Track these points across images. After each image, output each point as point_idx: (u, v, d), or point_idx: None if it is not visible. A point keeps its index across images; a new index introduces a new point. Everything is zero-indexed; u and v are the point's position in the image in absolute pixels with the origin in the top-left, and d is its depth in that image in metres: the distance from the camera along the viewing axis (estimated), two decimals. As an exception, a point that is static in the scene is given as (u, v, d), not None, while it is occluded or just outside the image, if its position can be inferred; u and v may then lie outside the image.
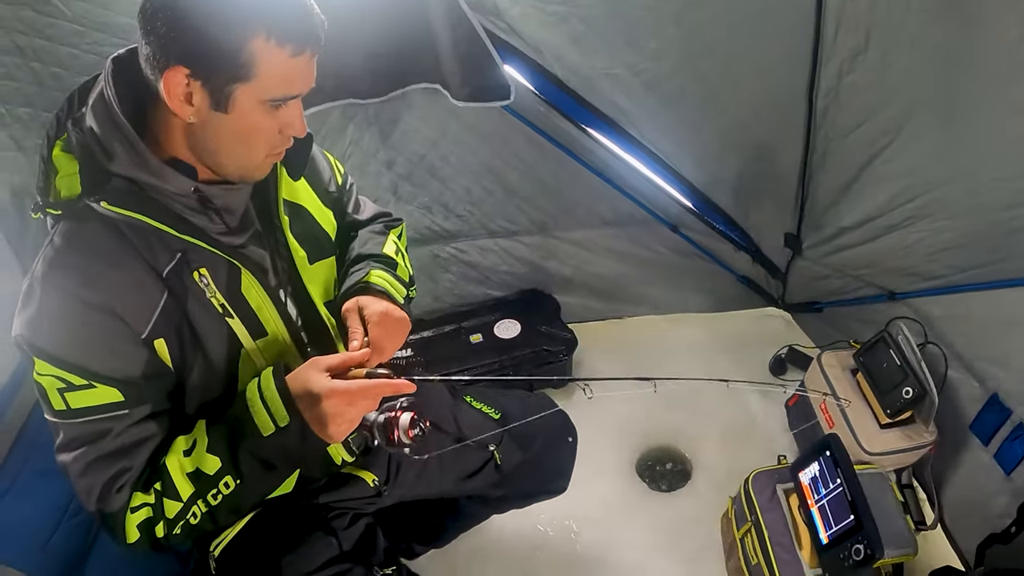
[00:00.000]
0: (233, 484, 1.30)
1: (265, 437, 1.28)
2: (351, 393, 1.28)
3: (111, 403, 1.26)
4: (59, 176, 1.27)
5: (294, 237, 1.51)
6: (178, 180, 1.26)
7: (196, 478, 1.30)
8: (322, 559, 1.59)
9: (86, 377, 1.23)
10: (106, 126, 1.21)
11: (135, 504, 1.30)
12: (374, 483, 1.74)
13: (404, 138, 2.65)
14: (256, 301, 1.42)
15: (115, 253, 1.25)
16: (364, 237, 1.80)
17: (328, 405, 1.25)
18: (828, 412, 2.59)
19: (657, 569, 2.50)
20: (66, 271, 1.22)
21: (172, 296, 1.30)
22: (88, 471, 1.27)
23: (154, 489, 1.31)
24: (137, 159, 1.22)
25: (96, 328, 1.22)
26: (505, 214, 2.98)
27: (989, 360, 2.30)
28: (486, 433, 1.95)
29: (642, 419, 3.02)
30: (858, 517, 1.97)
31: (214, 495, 1.31)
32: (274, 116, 1.25)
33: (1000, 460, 2.24)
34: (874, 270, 2.75)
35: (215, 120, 1.22)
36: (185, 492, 1.30)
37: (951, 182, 2.24)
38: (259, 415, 1.29)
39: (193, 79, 1.15)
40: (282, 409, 1.27)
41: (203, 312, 1.34)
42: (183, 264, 1.31)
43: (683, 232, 3.12)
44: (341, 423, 1.28)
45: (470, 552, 2.53)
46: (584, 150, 2.75)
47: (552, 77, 2.47)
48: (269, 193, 1.49)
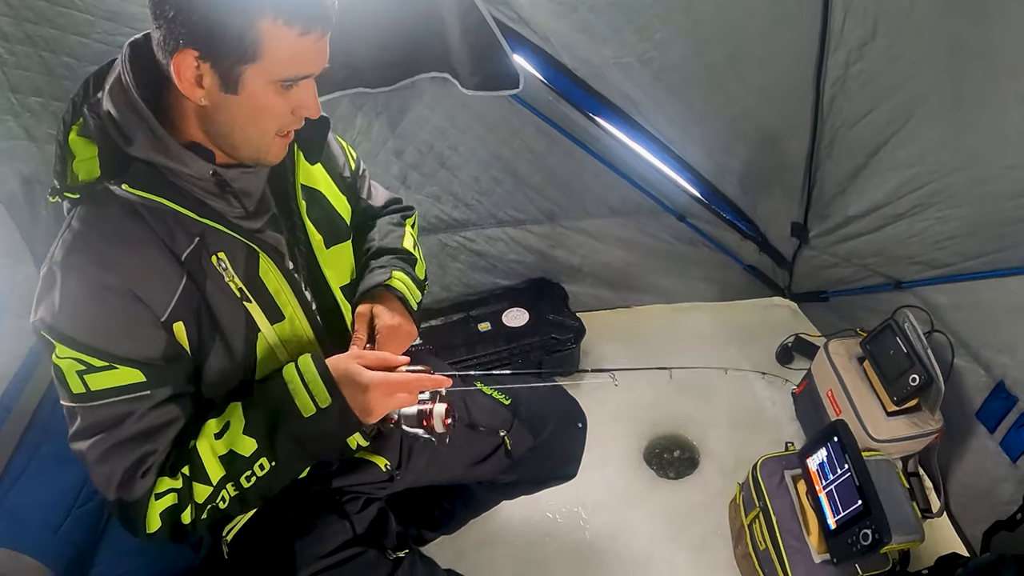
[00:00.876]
0: (268, 466, 1.32)
1: (306, 418, 1.31)
2: (395, 385, 1.35)
3: (132, 384, 1.25)
4: (76, 160, 1.27)
5: (311, 221, 1.53)
6: (197, 163, 1.26)
7: (230, 460, 1.31)
8: (336, 542, 1.59)
9: (106, 359, 1.22)
10: (124, 110, 1.21)
11: (160, 490, 1.29)
12: (386, 468, 1.74)
13: (413, 127, 2.66)
14: (274, 285, 1.42)
15: (134, 236, 1.25)
16: (384, 228, 1.81)
17: (373, 396, 1.32)
18: (835, 400, 2.59)
19: (665, 555, 2.51)
20: (85, 254, 1.21)
21: (191, 280, 1.30)
22: (108, 457, 1.26)
23: (182, 473, 1.31)
24: (156, 143, 1.22)
25: (116, 310, 1.22)
26: (514, 203, 2.99)
27: (995, 348, 2.31)
28: (497, 419, 1.97)
29: (650, 407, 3.03)
30: (866, 502, 1.99)
31: (248, 477, 1.32)
32: (286, 97, 1.25)
33: (1006, 447, 2.24)
34: (881, 259, 2.75)
35: (226, 102, 1.22)
36: (216, 475, 1.30)
37: (958, 171, 2.24)
38: (300, 396, 1.32)
39: (202, 61, 1.16)
40: (324, 391, 1.31)
41: (221, 296, 1.34)
42: (201, 248, 1.31)
43: (690, 221, 3.13)
44: (382, 411, 1.37)
45: (479, 538, 2.54)
46: (592, 139, 2.76)
47: (561, 66, 2.48)
48: (286, 177, 1.50)
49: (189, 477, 1.31)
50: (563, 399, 2.19)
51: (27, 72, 2.03)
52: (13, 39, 1.97)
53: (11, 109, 2.07)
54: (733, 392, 3.11)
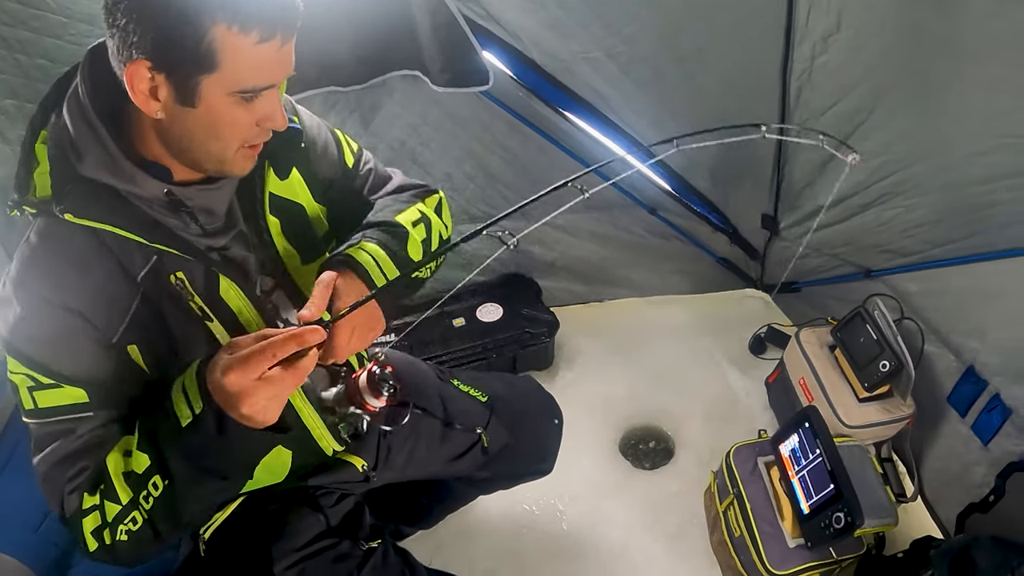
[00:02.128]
0: (161, 485, 1.16)
1: (184, 428, 1.12)
2: (245, 360, 1.07)
3: (76, 403, 1.23)
4: (38, 171, 1.20)
5: (286, 237, 1.47)
6: (149, 184, 1.22)
7: (127, 478, 1.20)
8: (309, 535, 1.59)
9: (52, 377, 1.21)
10: (79, 125, 1.17)
11: (85, 507, 1.24)
12: (363, 468, 1.72)
13: (385, 125, 2.66)
14: (236, 304, 1.37)
15: (86, 257, 1.22)
16: (380, 204, 1.67)
17: (228, 382, 1.07)
18: (807, 387, 2.62)
19: (642, 545, 2.53)
20: (36, 272, 1.20)
21: (145, 301, 1.27)
22: (50, 474, 1.24)
23: (100, 491, 1.24)
24: (108, 161, 1.18)
25: (63, 330, 1.21)
26: (486, 199, 3.00)
27: (965, 333, 2.34)
28: (474, 416, 1.98)
29: (625, 399, 3.05)
30: (838, 486, 2.01)
31: (145, 498, 1.18)
32: (248, 109, 1.18)
33: (977, 431, 2.28)
34: (850, 248, 2.79)
35: (183, 115, 1.15)
36: (124, 495, 1.20)
37: (925, 159, 2.27)
38: (178, 405, 1.14)
39: (156, 72, 1.09)
40: (197, 393, 1.12)
41: (181, 316, 1.30)
42: (159, 267, 1.27)
43: (662, 215, 3.14)
44: (254, 400, 1.08)
45: (457, 531, 2.54)
46: (563, 135, 2.77)
47: (530, 62, 2.50)
48: (255, 194, 1.43)
49: (103, 494, 1.24)
50: (540, 395, 2.19)
51: (1, 74, 2.03)
52: (-13, 42, 1.96)
53: (-15, 112, 2.07)
54: (707, 383, 3.13)
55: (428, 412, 1.91)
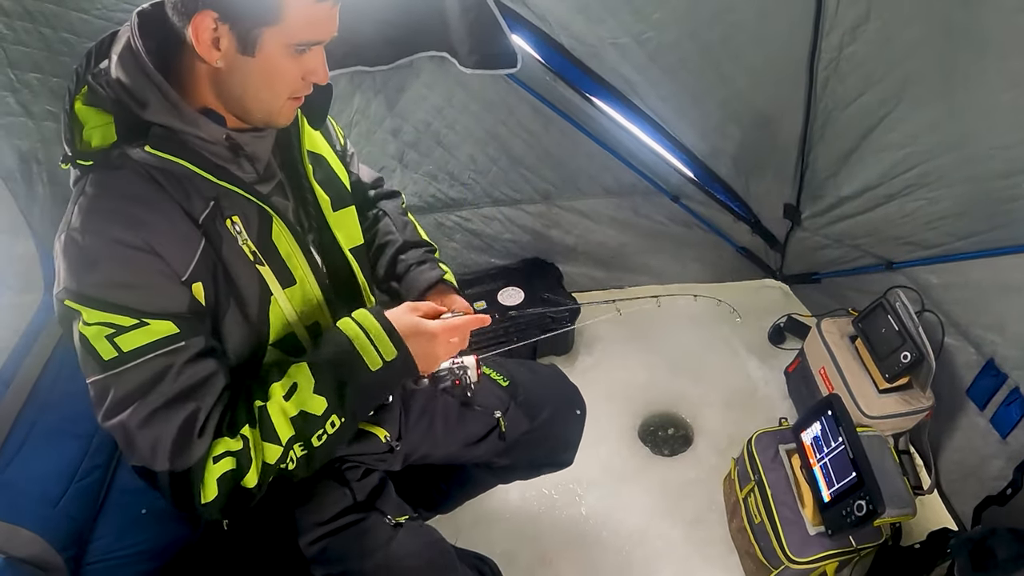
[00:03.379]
0: (339, 423, 1.35)
1: (373, 372, 1.36)
2: (456, 329, 1.46)
3: (166, 336, 1.23)
4: (87, 128, 1.26)
5: (318, 184, 1.55)
6: (210, 127, 1.28)
7: (302, 420, 1.31)
8: (335, 509, 1.60)
9: (135, 316, 1.21)
10: (136, 76, 1.22)
11: (217, 452, 1.25)
12: (386, 439, 1.75)
13: (410, 106, 2.67)
14: (285, 249, 1.43)
15: (152, 198, 1.25)
16: (399, 220, 1.91)
17: (440, 341, 1.43)
18: (827, 377, 2.62)
19: (660, 531, 2.55)
20: (104, 215, 1.21)
21: (209, 242, 1.30)
22: (152, 421, 1.21)
23: (242, 435, 1.28)
24: (170, 107, 1.23)
25: (141, 267, 1.21)
26: (509, 183, 3.01)
27: (985, 326, 2.34)
28: (493, 399, 1.98)
29: (644, 386, 3.07)
30: (860, 474, 2.02)
31: (319, 436, 1.33)
32: (298, 62, 1.27)
33: (996, 424, 2.28)
34: (872, 239, 2.78)
35: (241, 64, 1.24)
36: (285, 435, 1.30)
37: (949, 151, 2.26)
38: (367, 351, 1.36)
39: (221, 23, 1.17)
40: (389, 343, 1.37)
41: (236, 259, 1.34)
42: (216, 212, 1.32)
43: (683, 203, 3.15)
44: (441, 356, 1.47)
45: (476, 515, 2.56)
46: (588, 119, 2.78)
47: (558, 46, 2.49)
48: (292, 143, 1.53)
49: (253, 438, 1.29)
50: (563, 385, 2.18)
51: (26, 48, 2.03)
52: (13, 15, 1.96)
53: (9, 85, 2.07)
54: (726, 371, 3.15)
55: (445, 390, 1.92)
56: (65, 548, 1.86)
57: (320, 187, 1.56)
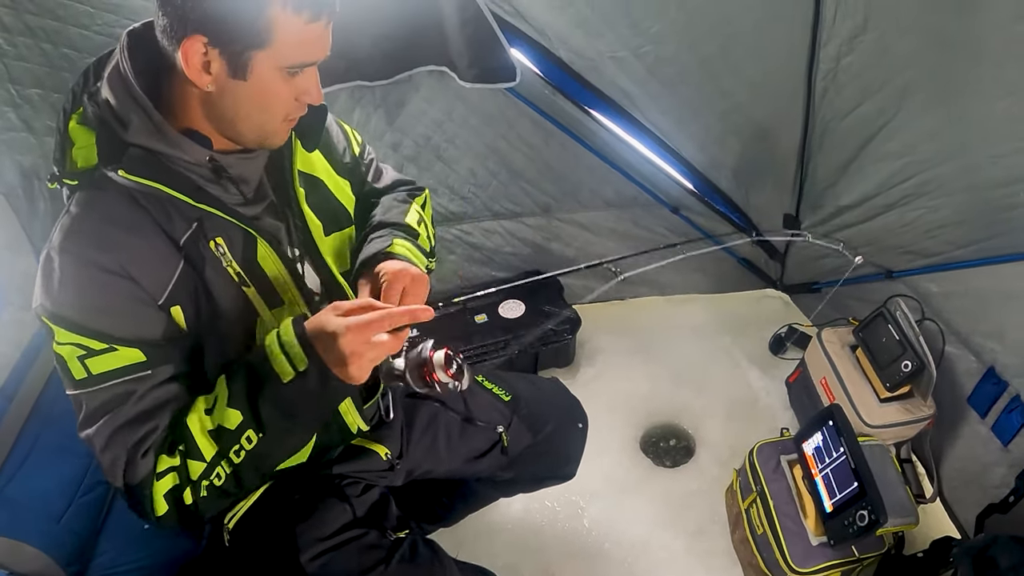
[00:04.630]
0: (256, 438, 1.25)
1: (285, 384, 1.22)
2: (366, 326, 1.19)
3: (133, 364, 1.24)
4: (75, 148, 1.27)
5: (310, 208, 1.52)
6: (193, 149, 1.27)
7: (218, 435, 1.26)
8: (336, 525, 1.60)
9: (105, 340, 1.22)
10: (122, 97, 1.22)
11: (160, 469, 1.26)
12: (387, 456, 1.75)
13: (410, 120, 2.68)
14: (272, 270, 1.42)
15: (132, 220, 1.25)
16: (387, 204, 1.76)
17: (345, 343, 1.17)
18: (828, 387, 2.63)
19: (662, 542, 2.54)
20: (82, 237, 1.21)
21: (189, 264, 1.30)
22: (112, 441, 1.24)
23: (179, 451, 1.28)
24: (153, 129, 1.23)
25: (113, 292, 1.22)
26: (509, 196, 3.02)
27: (985, 334, 2.35)
28: (496, 414, 1.98)
29: (646, 397, 3.07)
30: (862, 484, 2.02)
31: (236, 452, 1.26)
32: (291, 83, 1.26)
33: (997, 432, 2.29)
34: (872, 248, 2.78)
35: (233, 88, 1.22)
36: (208, 452, 1.26)
37: (948, 160, 2.27)
38: (278, 361, 1.22)
39: (211, 47, 1.16)
40: (300, 353, 1.21)
41: (220, 281, 1.34)
42: (199, 233, 1.31)
43: (684, 214, 3.16)
44: (362, 361, 1.20)
45: (478, 528, 2.56)
46: (588, 132, 2.79)
47: (557, 60, 2.50)
48: (284, 165, 1.50)
49: (184, 453, 1.28)
50: (565, 398, 2.18)
51: (27, 64, 2.05)
52: (14, 30, 1.98)
53: (11, 101, 2.08)
54: (727, 382, 3.15)
55: (447, 406, 1.93)
56: (68, 564, 1.86)
57: (312, 211, 1.53)
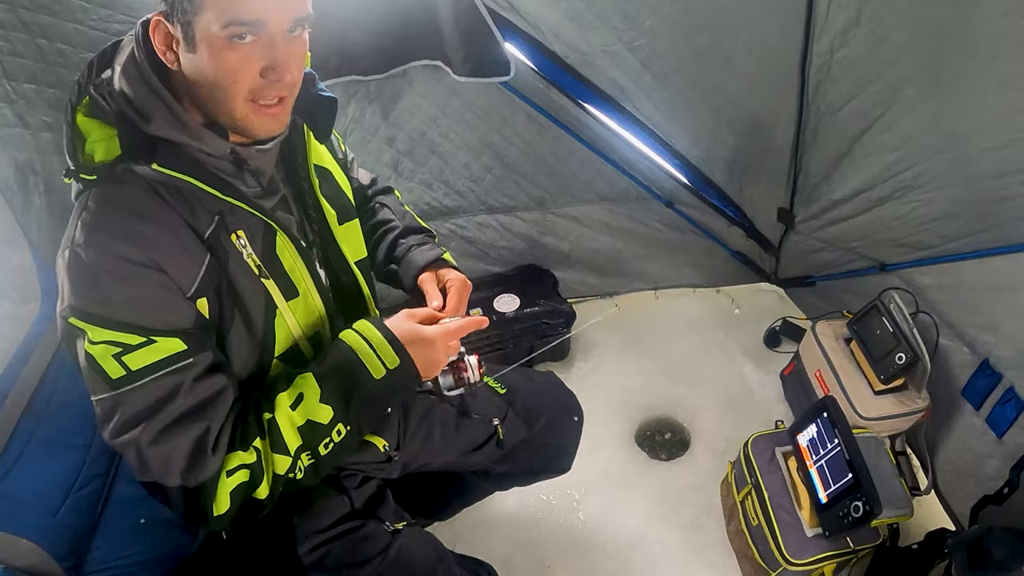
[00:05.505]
0: (344, 431, 1.36)
1: (377, 380, 1.37)
2: (454, 333, 1.45)
3: (174, 353, 1.23)
4: (90, 141, 1.25)
5: (324, 198, 1.55)
6: (216, 141, 1.27)
7: (309, 430, 1.33)
8: (334, 517, 1.61)
9: (143, 334, 1.20)
10: (139, 88, 1.21)
11: (231, 466, 1.27)
12: (385, 448, 1.75)
13: (405, 115, 2.67)
14: (289, 262, 1.43)
15: (156, 213, 1.24)
16: (397, 209, 1.91)
17: (440, 347, 1.43)
18: (823, 380, 2.64)
19: (658, 535, 2.55)
20: (108, 231, 1.19)
21: (214, 257, 1.29)
22: (164, 438, 1.21)
23: (254, 447, 1.30)
24: (175, 121, 1.22)
25: (145, 283, 1.20)
26: (504, 190, 3.02)
27: (979, 327, 2.35)
28: (491, 407, 1.98)
29: (640, 391, 3.08)
30: (856, 476, 2.02)
31: (326, 444, 1.35)
32: (241, 54, 1.18)
33: (992, 424, 2.29)
34: (866, 242, 2.79)
35: (191, 64, 1.20)
36: (293, 445, 1.32)
37: (941, 153, 2.27)
38: (370, 360, 1.37)
39: (167, 21, 1.17)
40: (391, 352, 1.38)
41: (242, 273, 1.34)
42: (221, 227, 1.31)
43: (678, 208, 3.16)
44: (441, 361, 1.47)
45: (474, 521, 2.56)
46: (582, 127, 2.79)
47: (551, 54, 2.49)
48: (297, 157, 1.52)
49: (265, 449, 1.30)
50: (560, 392, 2.18)
51: (22, 59, 2.02)
52: (8, 26, 1.96)
53: (6, 96, 2.07)
54: (722, 376, 3.16)
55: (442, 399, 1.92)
56: (64, 558, 1.85)
57: (327, 201, 1.56)
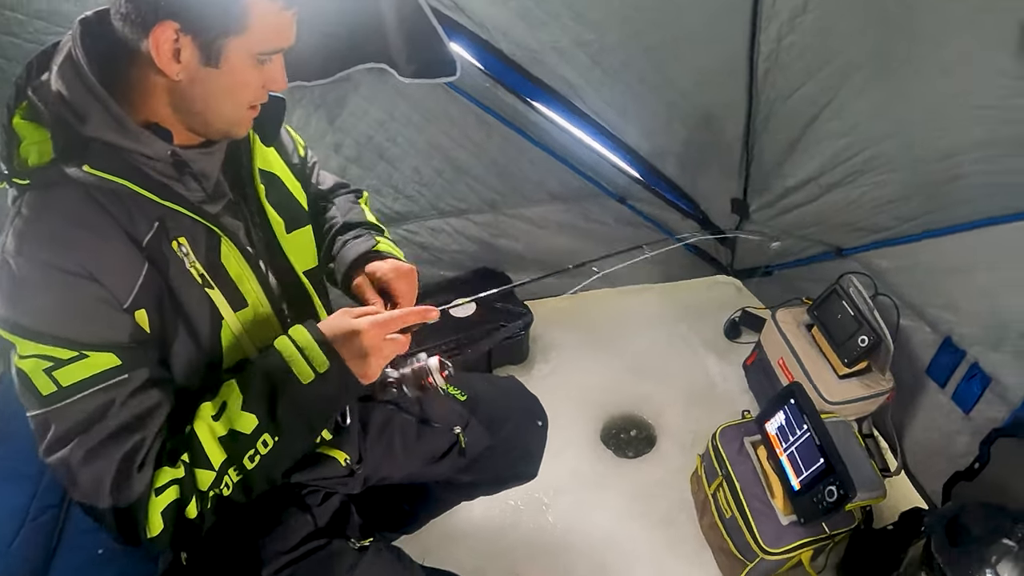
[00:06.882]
0: (272, 442, 1.25)
1: (305, 385, 1.25)
2: (386, 324, 1.30)
3: (107, 369, 1.16)
4: (24, 144, 1.19)
5: (271, 205, 1.48)
6: (155, 143, 1.21)
7: (232, 440, 1.23)
8: (298, 536, 1.55)
9: (74, 348, 1.13)
10: (76, 89, 1.16)
11: (160, 483, 1.19)
12: (346, 462, 1.70)
13: (351, 120, 2.62)
14: (236, 271, 1.37)
15: (92, 220, 1.17)
16: (344, 206, 1.78)
17: (367, 339, 1.26)
18: (786, 367, 2.64)
19: (631, 534, 2.52)
20: (39, 239, 1.13)
21: (153, 266, 1.23)
22: (95, 455, 1.15)
23: (182, 461, 1.21)
24: (112, 122, 1.17)
25: (78, 294, 1.14)
26: (454, 193, 2.98)
27: (939, 306, 2.37)
28: (452, 415, 1.93)
29: (603, 389, 3.05)
30: (828, 460, 2.02)
31: (251, 457, 1.25)
32: (260, 70, 1.24)
33: (958, 400, 2.31)
34: (821, 228, 2.80)
35: (203, 76, 1.19)
36: (217, 459, 1.22)
37: (890, 137, 2.29)
38: (297, 364, 1.25)
39: (183, 34, 1.12)
40: (320, 354, 1.25)
41: (184, 283, 1.28)
42: (162, 233, 1.24)
43: (631, 203, 3.16)
44: (380, 357, 1.30)
45: (442, 534, 2.50)
46: (531, 125, 2.76)
47: (498, 53, 2.47)
48: (241, 163, 1.46)
49: (191, 463, 1.22)
50: (523, 396, 2.14)
51: (-43, 72, 1.97)
52: (-56, 39, 1.91)
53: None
54: (684, 370, 3.15)
55: (402, 408, 1.89)
56: (21, 589, 1.80)
57: (273, 208, 1.49)
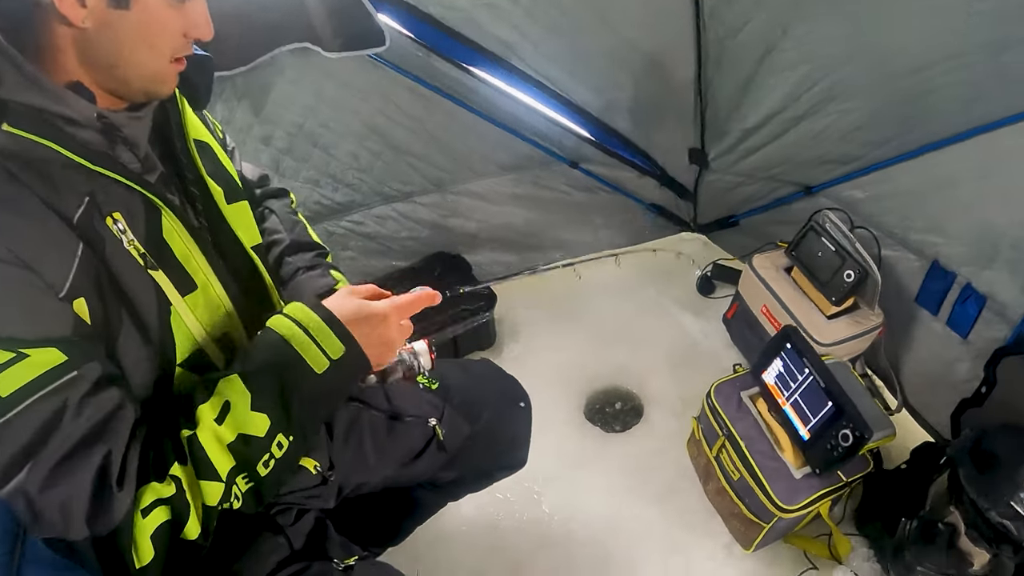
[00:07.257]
0: (287, 442, 1.14)
1: (320, 375, 1.14)
2: (405, 308, 1.26)
3: (53, 368, 0.98)
4: None
5: (208, 175, 1.34)
6: (80, 104, 1.05)
7: (243, 445, 1.09)
8: (274, 562, 1.40)
9: (11, 347, 0.95)
10: None
11: (145, 503, 1.02)
12: (317, 469, 1.54)
13: (278, 108, 2.45)
14: (181, 249, 1.20)
15: (14, 198, 1.00)
16: (287, 220, 1.69)
17: (392, 325, 1.22)
18: (771, 314, 2.55)
19: (633, 511, 2.41)
20: None
21: (89, 247, 1.05)
22: (56, 478, 0.97)
23: (172, 476, 1.04)
24: (27, 82, 1.01)
25: (9, 285, 0.96)
26: (397, 175, 2.82)
27: (923, 230, 2.29)
28: (425, 406, 1.78)
29: (580, 365, 2.94)
30: (836, 403, 1.91)
31: (266, 462, 1.12)
32: (179, 12, 1.09)
33: (954, 325, 2.23)
34: (787, 166, 2.72)
35: (114, 20, 1.03)
36: (224, 468, 1.07)
37: (852, 60, 2.21)
38: (309, 352, 1.14)
39: None
40: (335, 339, 1.15)
41: (123, 264, 1.10)
42: (93, 209, 1.07)
43: (584, 167, 3.04)
44: (394, 343, 1.24)
45: (431, 538, 2.34)
46: (471, 94, 2.62)
47: (427, 17, 2.33)
48: (172, 130, 1.30)
49: (186, 478, 1.05)
50: (499, 378, 1.98)
51: None
52: None
53: None
54: (662, 333, 3.06)
55: (368, 404, 1.73)
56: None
57: (211, 178, 1.34)
